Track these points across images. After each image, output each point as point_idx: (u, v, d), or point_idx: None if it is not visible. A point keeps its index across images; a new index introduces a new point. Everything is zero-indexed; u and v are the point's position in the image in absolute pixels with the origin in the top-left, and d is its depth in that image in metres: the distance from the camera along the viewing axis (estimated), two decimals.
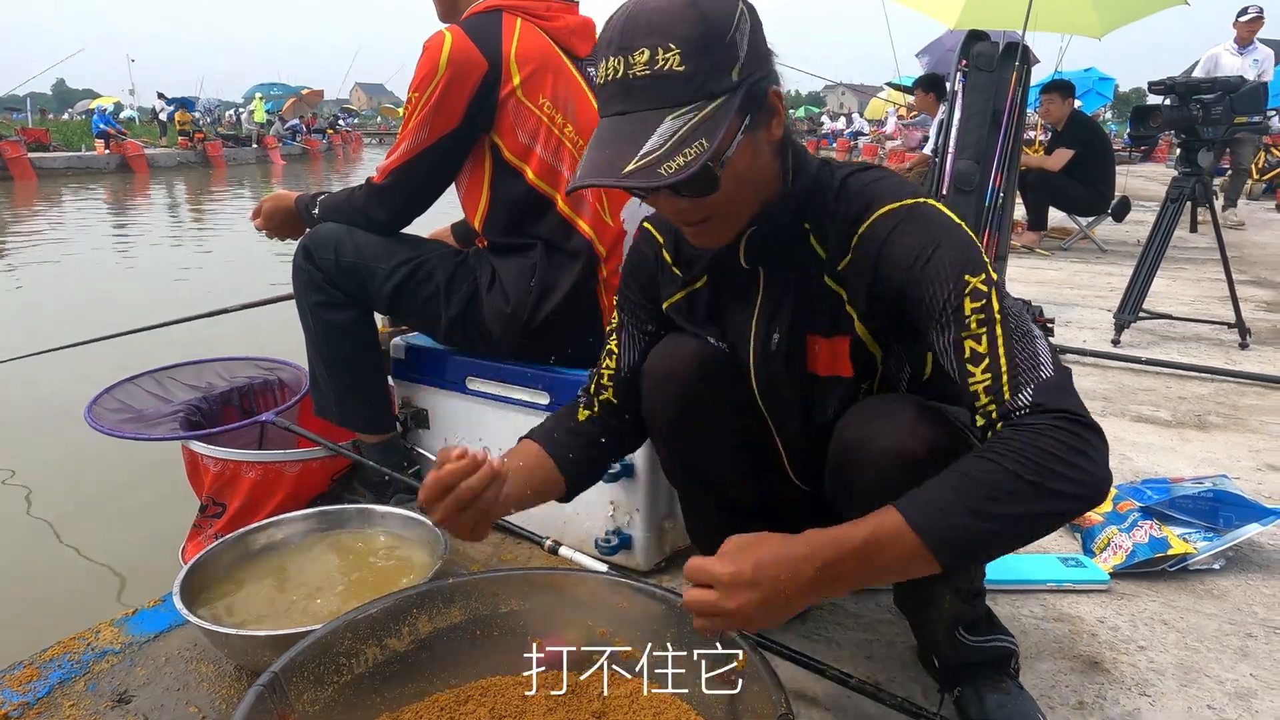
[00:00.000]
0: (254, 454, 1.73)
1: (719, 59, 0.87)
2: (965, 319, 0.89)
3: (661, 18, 0.86)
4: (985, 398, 0.86)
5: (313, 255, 1.63)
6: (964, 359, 0.88)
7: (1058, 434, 0.80)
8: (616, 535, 1.55)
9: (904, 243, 0.94)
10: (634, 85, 0.87)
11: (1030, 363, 0.86)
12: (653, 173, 0.84)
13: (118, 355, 3.02)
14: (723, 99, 0.87)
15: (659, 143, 0.85)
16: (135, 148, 18.41)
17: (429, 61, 1.45)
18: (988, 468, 0.80)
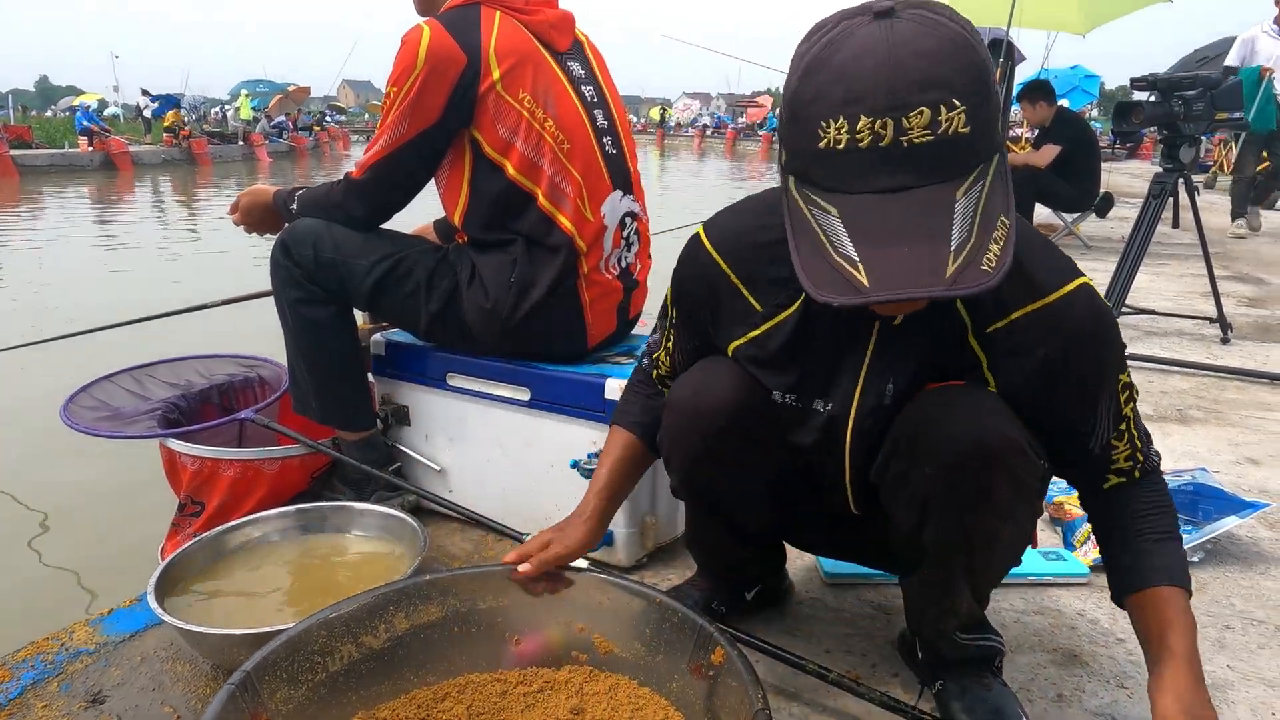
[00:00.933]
0: (232, 452, 1.71)
1: (992, 112, 0.74)
2: (1124, 414, 0.99)
3: (939, 68, 0.71)
4: (1126, 464, 1.01)
5: (291, 251, 1.61)
6: (1111, 442, 1.00)
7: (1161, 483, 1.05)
8: None
9: (1072, 346, 0.92)
10: (911, 154, 0.72)
11: (1144, 428, 1.03)
12: (975, 272, 0.71)
13: (96, 352, 2.99)
14: (996, 159, 0.76)
15: (965, 229, 0.72)
16: (119, 145, 18.24)
17: (407, 56, 1.44)
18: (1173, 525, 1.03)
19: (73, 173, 16.68)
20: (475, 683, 1.10)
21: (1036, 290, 0.89)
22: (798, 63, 0.78)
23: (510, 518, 1.65)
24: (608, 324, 1.65)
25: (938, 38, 0.72)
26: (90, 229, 9.61)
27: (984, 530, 1.00)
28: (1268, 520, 1.84)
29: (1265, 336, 3.66)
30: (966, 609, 1.12)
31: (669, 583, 1.54)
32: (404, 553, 1.46)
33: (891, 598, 1.49)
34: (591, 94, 1.60)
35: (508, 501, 1.67)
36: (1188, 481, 1.78)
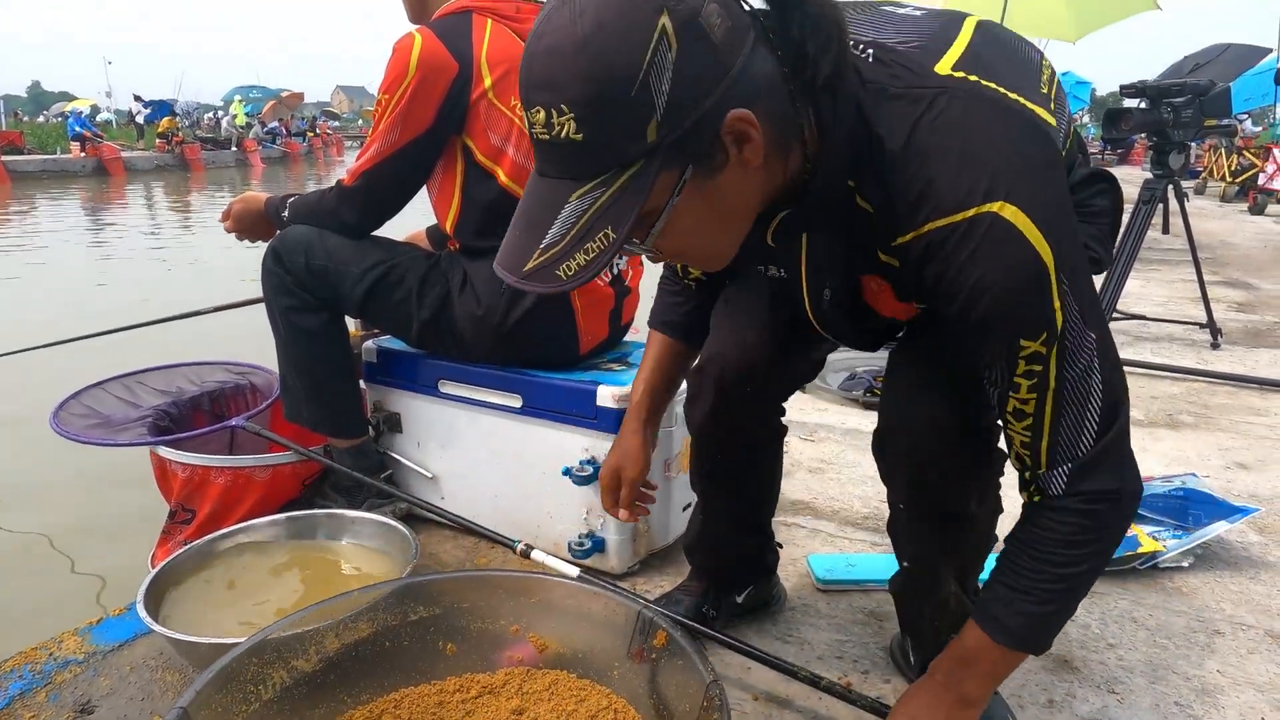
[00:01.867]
0: (223, 459, 1.70)
1: (624, 121, 0.69)
2: (1015, 382, 0.81)
3: (552, 69, 0.69)
4: (1022, 450, 0.86)
5: (283, 258, 1.61)
6: (1006, 409, 0.85)
7: (1080, 528, 0.85)
8: (590, 539, 1.54)
9: (952, 282, 0.78)
10: (542, 146, 0.73)
11: (1071, 443, 0.83)
12: (550, 274, 0.73)
13: (87, 358, 2.98)
14: (638, 166, 0.70)
15: (559, 233, 0.72)
16: (112, 151, 18.23)
17: (399, 63, 1.44)
18: (1033, 570, 0.88)
19: (65, 178, 16.65)
20: (411, 696, 1.08)
21: (938, 206, 0.77)
22: None
23: (502, 524, 1.64)
24: (600, 330, 1.65)
25: (572, 37, 0.68)
26: (81, 235, 9.58)
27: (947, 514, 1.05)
28: (1257, 525, 1.85)
29: (1255, 341, 3.69)
30: (956, 603, 1.14)
31: (661, 589, 1.54)
32: (396, 561, 1.46)
33: (883, 603, 1.49)
34: None
35: (500, 508, 1.67)
36: (1178, 487, 1.79)
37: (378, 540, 1.52)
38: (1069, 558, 0.86)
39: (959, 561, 1.14)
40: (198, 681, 0.92)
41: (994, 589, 0.92)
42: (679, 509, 1.65)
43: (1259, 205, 9.93)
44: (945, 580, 1.14)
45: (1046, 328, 0.78)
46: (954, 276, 0.78)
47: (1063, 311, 0.78)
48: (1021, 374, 0.80)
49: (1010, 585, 0.90)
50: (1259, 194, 10.01)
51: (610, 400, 1.48)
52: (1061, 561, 0.86)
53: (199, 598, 1.38)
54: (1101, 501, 0.84)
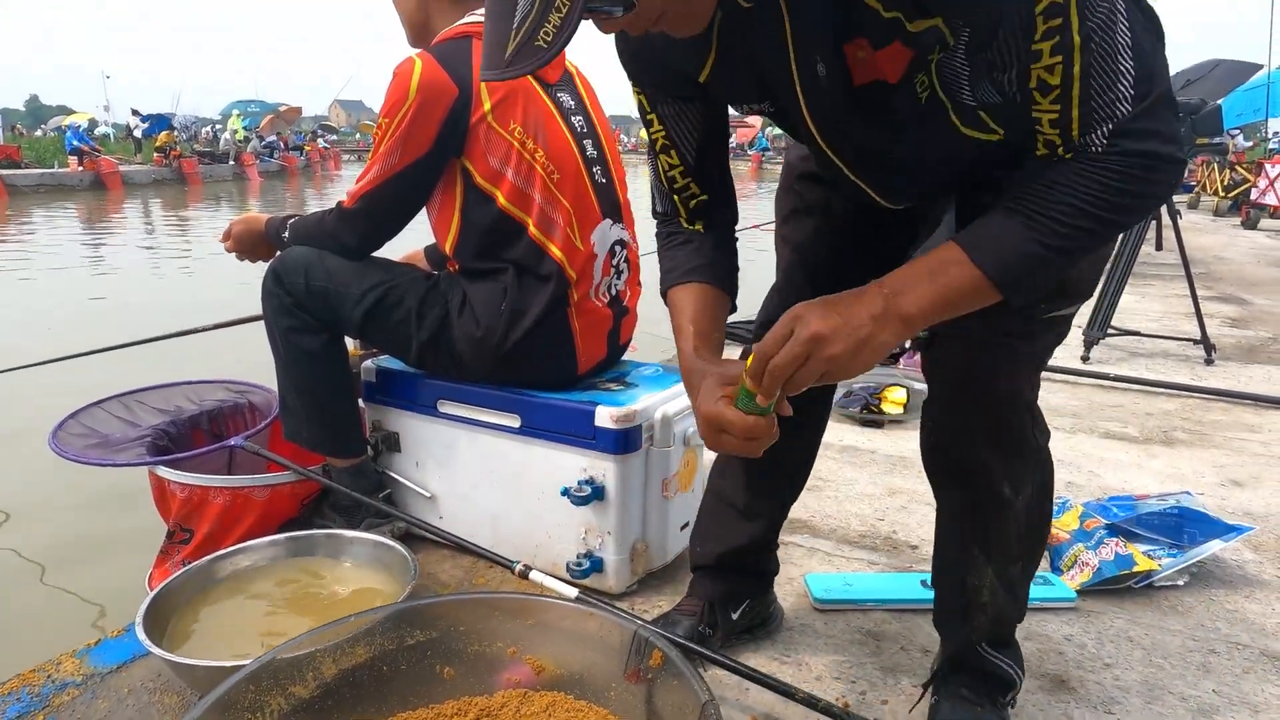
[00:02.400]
0: (222, 479, 1.71)
1: None
2: (1035, 50, 0.75)
3: None
4: (1051, 131, 0.78)
5: (283, 279, 1.62)
6: (1031, 86, 0.77)
7: (1128, 180, 0.77)
8: (588, 558, 1.55)
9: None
10: None
11: (1107, 98, 0.75)
12: (530, 49, 0.70)
13: (85, 376, 2.98)
14: None
15: (527, 4, 0.70)
16: (109, 164, 18.26)
17: (399, 88, 1.46)
18: (1057, 206, 0.78)
19: (62, 192, 16.67)
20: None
21: None
22: None
23: (501, 545, 1.65)
24: (598, 351, 1.66)
25: None
26: (77, 249, 9.58)
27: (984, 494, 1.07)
28: (1252, 543, 1.86)
29: (1249, 357, 3.71)
30: (991, 597, 1.13)
31: (659, 609, 1.55)
32: (395, 581, 1.46)
33: (881, 623, 1.50)
34: (581, 124, 1.62)
35: (498, 528, 1.67)
36: (1173, 505, 1.80)
37: (376, 561, 1.52)
38: (1093, 201, 0.77)
39: (994, 549, 1.11)
40: (194, 710, 0.92)
41: (995, 214, 0.83)
42: (676, 529, 1.66)
43: (1252, 220, 10.00)
44: (977, 565, 1.12)
45: None
46: None
47: None
48: (1041, 36, 0.74)
49: (1016, 210, 0.81)
50: (1252, 209, 10.08)
51: (609, 421, 1.49)
52: (1085, 202, 0.78)
53: (198, 620, 1.38)
54: (1148, 161, 0.76)
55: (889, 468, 2.30)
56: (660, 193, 1.13)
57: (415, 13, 1.62)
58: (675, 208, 1.12)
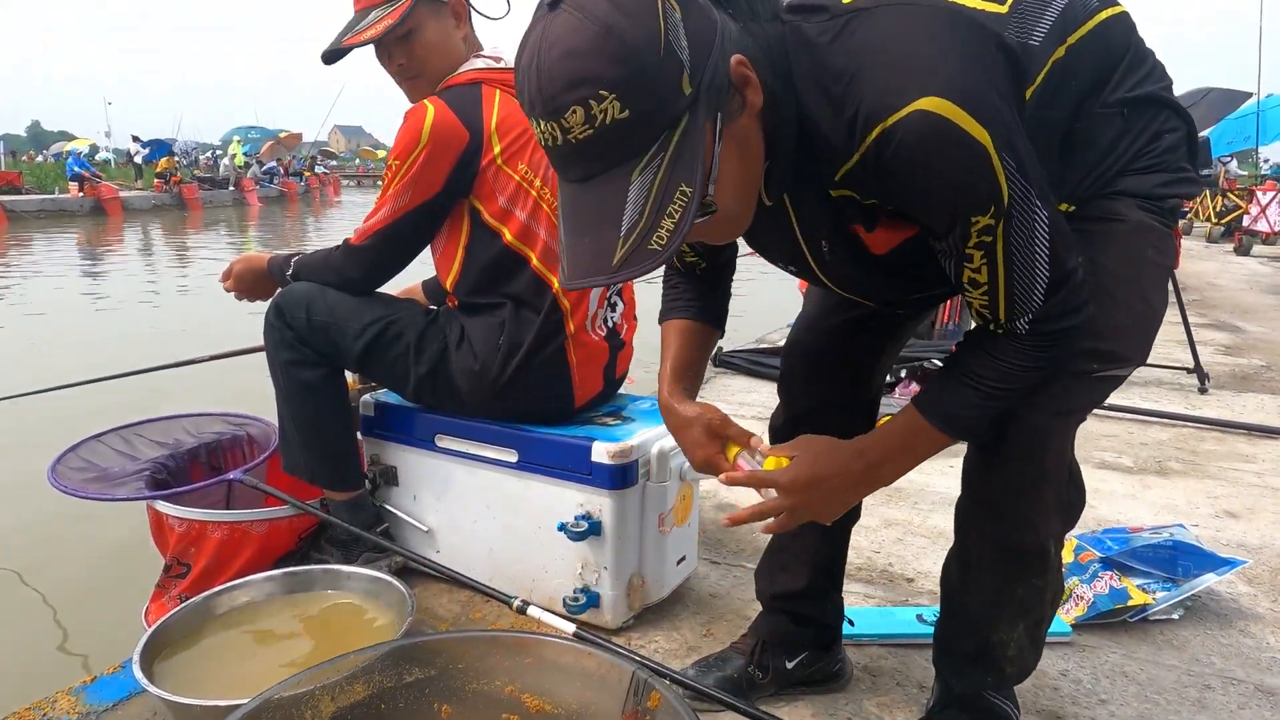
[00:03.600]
0: (220, 514, 1.71)
1: (663, 82, 0.74)
2: (968, 254, 0.87)
3: (579, 64, 0.72)
4: (982, 309, 0.92)
5: (285, 314, 1.64)
6: (963, 279, 0.90)
7: (1048, 350, 0.92)
8: (585, 594, 1.55)
9: (898, 185, 0.84)
10: (581, 149, 0.75)
11: (1025, 296, 0.88)
12: (643, 253, 0.74)
13: (85, 406, 3.00)
14: (685, 121, 0.75)
15: (636, 211, 0.75)
16: (110, 190, 18.37)
17: (411, 132, 1.49)
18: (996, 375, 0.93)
19: (62, 218, 16.75)
20: None
21: (868, 120, 0.81)
22: None
23: (497, 578, 1.66)
24: (595, 384, 1.68)
25: (582, 33, 0.72)
26: (76, 278, 9.60)
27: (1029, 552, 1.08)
28: (1246, 576, 1.87)
29: (1242, 386, 3.73)
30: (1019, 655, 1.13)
31: (655, 644, 1.55)
32: (392, 617, 1.47)
33: (877, 658, 1.50)
34: None
35: (495, 562, 1.68)
36: (1166, 538, 1.81)
37: (374, 596, 1.52)
38: (1024, 367, 0.92)
39: (1031, 605, 1.10)
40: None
41: (939, 380, 0.98)
42: (673, 563, 1.66)
43: (1244, 246, 10.09)
44: (1007, 621, 1.11)
45: (994, 201, 0.82)
46: (902, 178, 0.83)
47: (1008, 184, 0.82)
48: (973, 245, 0.86)
49: (958, 378, 0.95)
50: (1244, 235, 10.17)
51: (605, 456, 1.50)
52: (1015, 369, 0.92)
53: (195, 657, 1.38)
54: (1062, 336, 0.91)
55: (884, 498, 2.31)
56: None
57: (455, 53, 1.61)
58: (684, 264, 1.22)
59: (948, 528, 2.07)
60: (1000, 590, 1.10)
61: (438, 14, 1.59)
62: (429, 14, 1.57)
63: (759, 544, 1.98)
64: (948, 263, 0.91)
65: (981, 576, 1.12)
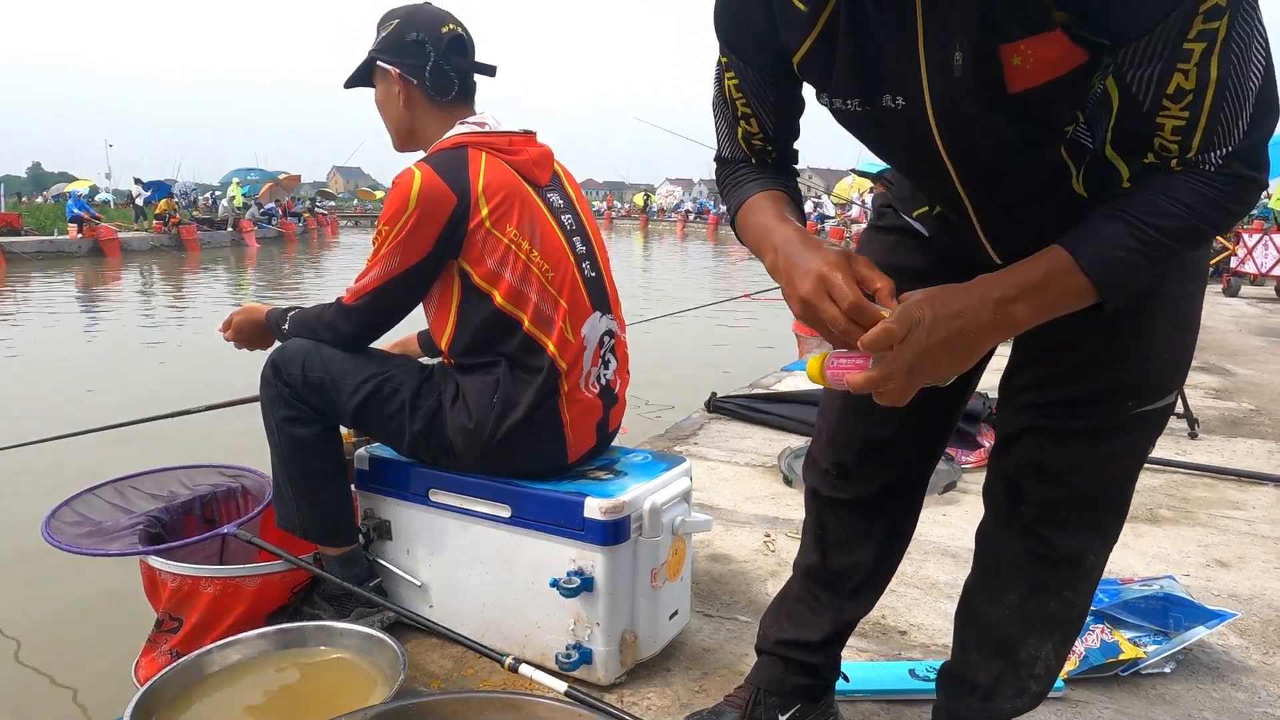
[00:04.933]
0: (213, 569, 1.72)
1: None
2: (1183, 49, 0.74)
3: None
4: (1172, 140, 0.80)
5: (281, 371, 1.66)
6: (1166, 90, 0.77)
7: (1231, 200, 0.81)
8: (577, 650, 1.55)
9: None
10: None
11: (1232, 114, 0.77)
12: None
13: (79, 455, 3.00)
14: None
15: None
16: (109, 232, 18.48)
17: (399, 198, 1.53)
18: (1163, 215, 0.81)
19: (61, 259, 16.82)
20: None
21: None
22: None
23: (490, 633, 1.66)
24: (588, 440, 1.70)
25: None
26: (73, 322, 9.61)
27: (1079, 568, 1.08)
28: (1238, 627, 1.87)
29: (1232, 430, 3.75)
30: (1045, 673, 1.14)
31: (648, 700, 1.55)
32: (384, 674, 1.47)
33: (870, 715, 1.50)
34: (571, 222, 1.69)
35: (487, 617, 1.68)
36: (1157, 590, 1.82)
37: (366, 653, 1.52)
38: (1197, 210, 0.80)
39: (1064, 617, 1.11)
40: None
41: (1098, 221, 0.84)
42: (665, 618, 1.67)
43: (1233, 288, 10.19)
44: (1041, 635, 1.11)
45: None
46: None
47: None
48: (1194, 38, 0.74)
49: (1116, 214, 0.83)
50: (1232, 276, 10.28)
51: (598, 512, 1.51)
52: (1185, 211, 0.80)
53: (187, 718, 1.38)
54: (1248, 187, 0.81)
55: None
56: (731, 143, 1.08)
57: (402, 120, 1.71)
58: (746, 156, 1.09)
59: (942, 579, 2.09)
60: (1029, 600, 1.10)
61: (384, 78, 1.70)
62: (379, 75, 1.71)
63: (752, 597, 1.98)
64: (1141, 76, 0.77)
65: (1017, 596, 1.11)
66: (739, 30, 0.97)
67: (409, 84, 1.66)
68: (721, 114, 1.07)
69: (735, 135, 1.07)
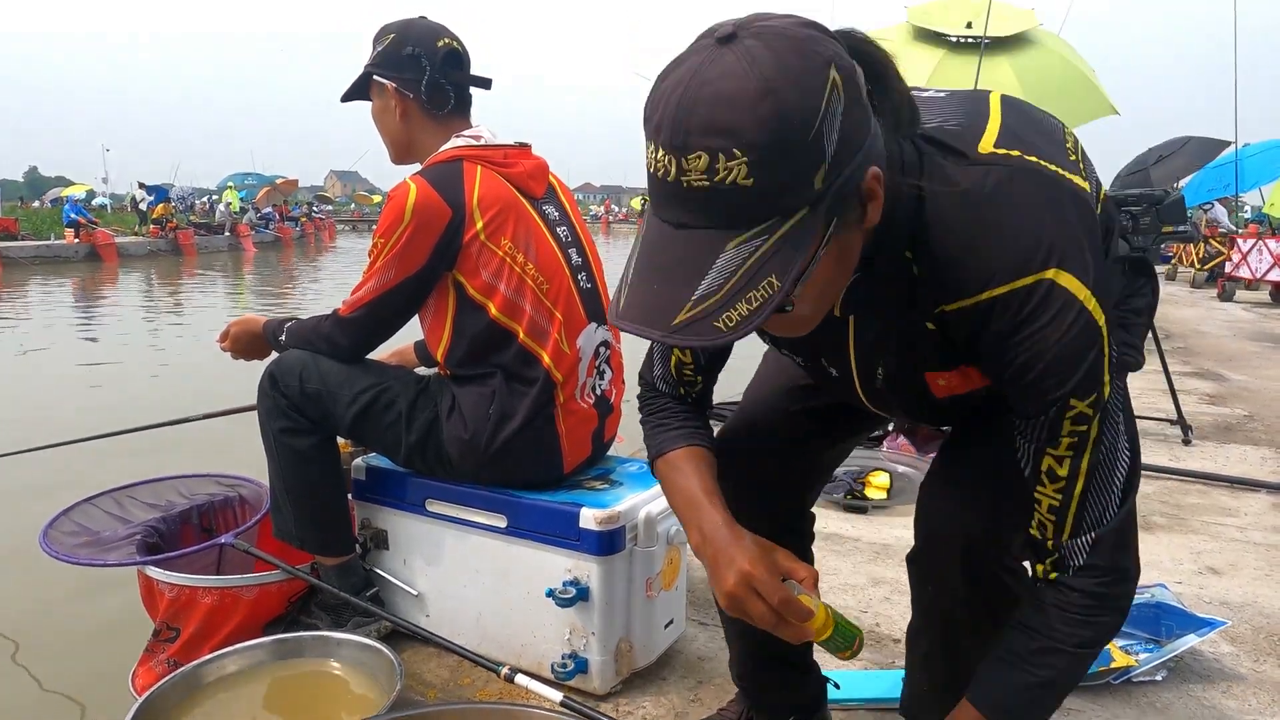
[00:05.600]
0: (210, 580, 1.72)
1: (799, 166, 0.69)
2: (1057, 438, 0.85)
3: (727, 113, 0.67)
4: (1048, 517, 0.88)
5: (278, 382, 1.67)
6: (1040, 469, 0.87)
7: (1095, 609, 0.89)
8: (573, 659, 1.56)
9: (1013, 344, 0.81)
10: (689, 195, 0.69)
11: (1099, 508, 0.87)
12: (707, 326, 0.69)
13: (75, 464, 3.00)
14: (802, 214, 0.70)
15: (717, 282, 0.69)
16: (106, 236, 18.46)
17: (394, 210, 1.55)
18: (1040, 663, 0.90)
19: (58, 264, 16.79)
20: None
21: (997, 274, 0.80)
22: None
23: (486, 643, 1.67)
24: (583, 450, 1.71)
25: (748, 79, 0.67)
26: (68, 329, 9.58)
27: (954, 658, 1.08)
28: (1229, 635, 1.88)
29: (1225, 436, 3.77)
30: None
31: (643, 710, 1.56)
32: (381, 684, 1.47)
33: None
34: (566, 234, 1.70)
35: (483, 627, 1.69)
36: (1149, 598, 1.83)
37: (363, 664, 1.53)
38: (1078, 636, 0.89)
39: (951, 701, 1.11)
40: None
41: (993, 666, 0.93)
42: (661, 627, 1.68)
43: (1227, 292, 10.24)
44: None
45: (1096, 389, 0.81)
46: (1016, 340, 0.81)
47: (1110, 377, 0.82)
48: (1066, 433, 0.84)
49: (1011, 661, 0.91)
50: (1227, 281, 10.33)
51: (593, 523, 1.52)
52: (1069, 640, 0.89)
53: None
54: (1116, 579, 0.89)
55: (872, 556, 2.33)
56: (661, 368, 1.13)
57: (399, 133, 1.72)
58: (671, 387, 1.13)
59: None
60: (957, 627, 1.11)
61: (380, 92, 1.71)
62: (375, 90, 1.72)
63: None
64: (1025, 446, 0.88)
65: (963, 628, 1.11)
66: None
67: (405, 98, 1.67)
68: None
69: (669, 360, 1.11)
